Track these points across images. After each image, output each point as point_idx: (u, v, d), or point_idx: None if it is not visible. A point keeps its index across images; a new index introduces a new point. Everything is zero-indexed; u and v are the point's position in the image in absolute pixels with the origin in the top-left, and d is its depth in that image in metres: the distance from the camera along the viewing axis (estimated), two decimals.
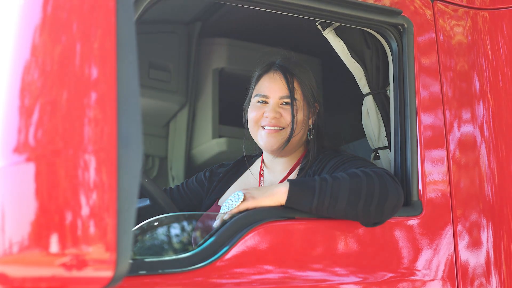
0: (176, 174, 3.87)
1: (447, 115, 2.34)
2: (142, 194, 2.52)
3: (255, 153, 2.59)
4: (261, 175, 2.48)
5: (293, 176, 2.38)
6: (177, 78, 3.72)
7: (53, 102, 1.39)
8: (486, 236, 2.31)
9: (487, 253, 2.29)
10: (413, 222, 2.18)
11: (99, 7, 1.44)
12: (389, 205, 2.00)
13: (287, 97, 2.36)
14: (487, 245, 2.30)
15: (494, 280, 2.27)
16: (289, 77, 2.38)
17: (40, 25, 1.42)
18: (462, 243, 2.25)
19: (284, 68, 2.40)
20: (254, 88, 2.45)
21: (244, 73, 3.23)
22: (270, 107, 2.37)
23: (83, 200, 1.36)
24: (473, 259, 2.26)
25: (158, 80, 3.66)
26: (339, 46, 2.49)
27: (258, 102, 2.40)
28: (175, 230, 2.01)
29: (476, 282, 2.25)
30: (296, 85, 2.39)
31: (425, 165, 2.25)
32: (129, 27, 1.46)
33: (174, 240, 1.99)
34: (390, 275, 2.10)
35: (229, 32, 3.71)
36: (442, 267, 2.19)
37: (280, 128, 2.36)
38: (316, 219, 2.01)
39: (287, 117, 2.35)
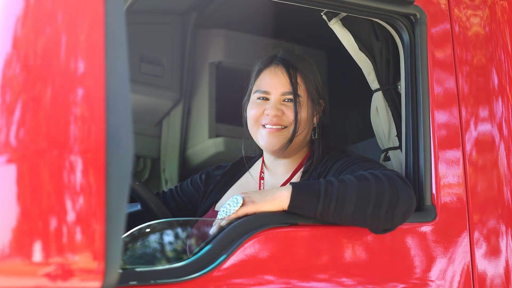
0: (170, 176, 3.87)
1: (463, 112, 2.34)
2: (133, 198, 2.52)
3: (255, 153, 2.60)
4: (261, 178, 2.49)
5: (296, 178, 2.38)
6: (171, 73, 3.72)
7: (36, 98, 1.39)
8: (505, 244, 2.31)
9: (506, 262, 2.30)
10: (426, 228, 2.18)
11: None
12: (400, 211, 2.00)
13: (289, 93, 2.37)
14: (506, 253, 2.30)
15: None
16: (291, 71, 2.38)
17: (22, 15, 1.42)
18: (479, 252, 2.26)
19: (286, 62, 2.40)
20: (254, 84, 2.45)
21: (243, 67, 3.23)
22: (272, 104, 2.37)
23: (68, 204, 1.36)
24: (491, 268, 2.26)
25: (150, 75, 3.66)
26: (346, 38, 2.49)
27: (259, 98, 2.40)
28: (168, 237, 2.01)
29: None
30: (299, 80, 2.39)
31: (439, 167, 2.25)
32: (118, 18, 1.47)
33: (167, 248, 2.00)
34: (401, 286, 2.11)
35: (227, 23, 3.71)
36: (457, 278, 2.19)
37: (282, 127, 2.36)
38: (321, 225, 2.01)
39: (289, 115, 2.36)
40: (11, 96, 1.39)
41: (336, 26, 2.48)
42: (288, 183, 2.04)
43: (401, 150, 2.37)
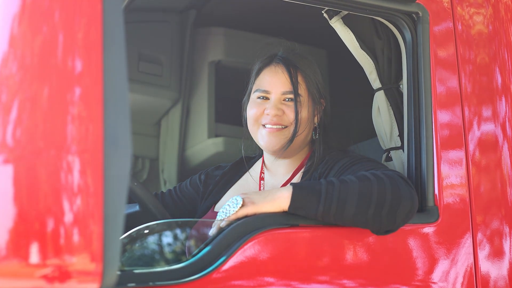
0: (168, 177, 3.87)
1: (466, 112, 2.34)
2: (131, 199, 2.52)
3: (255, 154, 2.60)
4: (261, 178, 2.48)
5: (296, 179, 2.38)
6: (170, 72, 3.72)
7: (33, 98, 1.39)
8: (509, 245, 2.31)
9: (510, 263, 2.29)
10: (429, 230, 2.18)
11: None
12: (402, 211, 2.00)
13: (290, 92, 2.37)
14: (510, 255, 2.30)
15: None
16: (292, 70, 2.38)
17: (19, 14, 1.42)
18: (483, 253, 2.25)
19: (287, 61, 2.40)
20: (254, 83, 2.45)
21: (243, 66, 3.22)
22: (272, 103, 2.37)
23: (66, 205, 1.36)
24: (495, 270, 2.26)
25: (149, 73, 3.66)
26: (347, 37, 2.49)
27: (259, 98, 2.40)
28: (167, 238, 2.01)
29: None
30: (300, 79, 2.39)
31: (442, 167, 2.25)
32: (116, 16, 1.46)
33: (166, 249, 1.99)
34: None
35: (227, 21, 3.71)
36: (460, 279, 2.19)
37: (283, 127, 2.36)
38: (322, 226, 2.01)
39: (290, 115, 2.36)
40: (7, 95, 1.39)
41: (337, 25, 2.48)
42: (289, 184, 2.04)
43: (403, 150, 2.37)
